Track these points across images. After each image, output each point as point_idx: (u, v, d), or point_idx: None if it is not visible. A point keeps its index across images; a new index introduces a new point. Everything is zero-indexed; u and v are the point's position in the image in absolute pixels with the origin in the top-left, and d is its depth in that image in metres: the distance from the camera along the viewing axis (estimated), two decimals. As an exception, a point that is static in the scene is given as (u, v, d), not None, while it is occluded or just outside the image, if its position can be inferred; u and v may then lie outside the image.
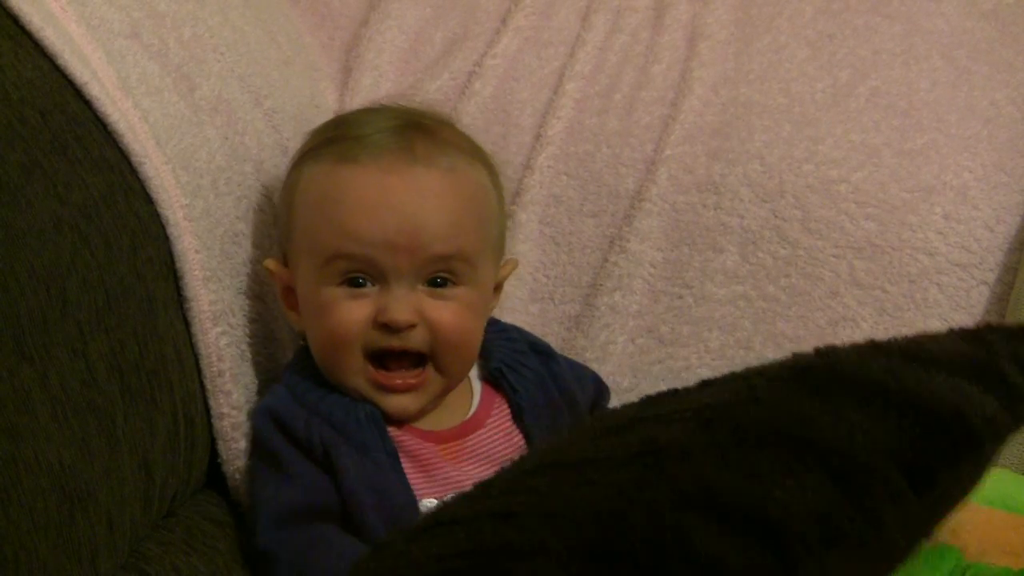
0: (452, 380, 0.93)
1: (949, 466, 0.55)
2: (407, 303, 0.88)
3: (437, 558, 0.58)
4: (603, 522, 0.54)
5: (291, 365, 0.96)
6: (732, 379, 0.64)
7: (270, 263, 0.93)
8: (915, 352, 0.60)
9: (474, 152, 0.97)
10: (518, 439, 0.95)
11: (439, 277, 0.90)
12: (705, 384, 0.66)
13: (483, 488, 0.66)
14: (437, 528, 0.61)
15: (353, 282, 0.89)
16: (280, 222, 0.96)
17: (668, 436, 0.59)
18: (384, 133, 0.91)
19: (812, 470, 0.54)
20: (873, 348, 0.62)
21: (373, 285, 0.89)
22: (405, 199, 0.89)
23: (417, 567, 0.58)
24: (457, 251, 0.90)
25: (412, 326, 0.88)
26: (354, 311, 0.88)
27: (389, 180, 0.89)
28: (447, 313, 0.90)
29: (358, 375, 0.90)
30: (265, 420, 0.90)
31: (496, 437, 0.95)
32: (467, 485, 0.87)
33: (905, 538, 0.56)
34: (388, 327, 0.88)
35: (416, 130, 0.93)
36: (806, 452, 0.55)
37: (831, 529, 0.52)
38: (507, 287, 1.10)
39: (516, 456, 0.90)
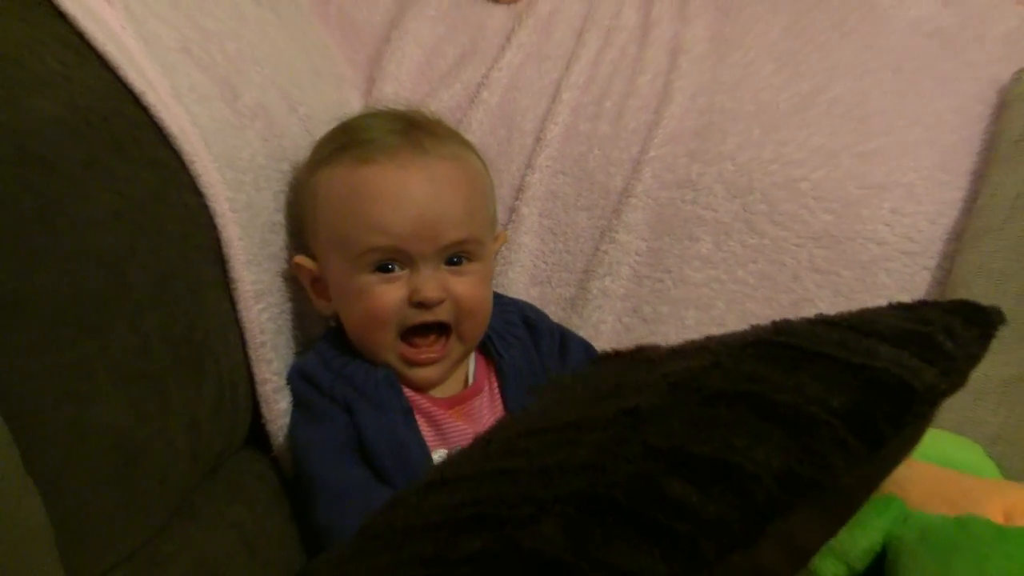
0: (469, 345, 0.95)
1: (896, 428, 0.54)
2: (435, 282, 0.89)
3: (444, 509, 0.58)
4: (586, 474, 0.54)
5: (323, 338, 0.96)
6: (698, 349, 0.64)
7: (301, 259, 0.93)
8: (861, 325, 0.60)
9: (465, 141, 0.97)
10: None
11: (456, 256, 0.90)
12: (675, 352, 0.66)
13: (482, 448, 0.65)
14: (444, 485, 0.61)
15: (384, 268, 0.89)
16: (305, 224, 0.94)
17: (641, 400, 0.58)
18: (392, 134, 0.91)
19: (775, 430, 0.53)
20: (824, 322, 0.62)
21: (402, 269, 0.89)
22: (423, 190, 0.89)
23: (425, 517, 0.58)
24: (470, 234, 0.90)
25: (441, 301, 0.89)
26: (389, 294, 0.89)
27: (407, 174, 0.89)
28: (466, 287, 0.90)
29: (391, 351, 0.90)
30: (297, 377, 0.91)
31: (495, 400, 0.96)
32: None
33: (859, 491, 0.57)
34: (422, 304, 0.88)
35: (417, 128, 0.92)
36: (768, 413, 0.54)
37: (795, 485, 0.52)
38: (510, 272, 1.10)
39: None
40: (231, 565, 0.79)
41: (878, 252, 1.06)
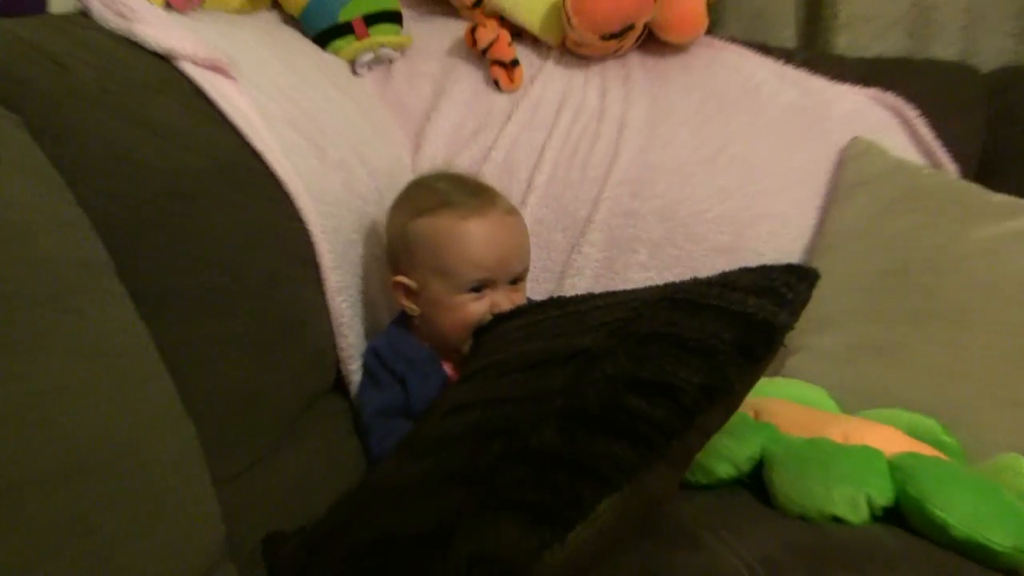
0: None
1: (766, 351, 0.55)
2: (507, 298, 0.87)
3: (465, 426, 0.58)
4: (565, 396, 0.54)
5: (391, 325, 0.94)
6: (618, 303, 0.64)
7: (401, 278, 0.90)
8: (729, 283, 0.60)
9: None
10: None
11: (516, 279, 0.89)
12: (596, 307, 0.66)
13: (478, 383, 0.65)
14: (459, 410, 0.61)
15: (476, 289, 0.87)
16: (399, 254, 0.91)
17: (589, 342, 0.59)
18: (471, 196, 0.89)
19: (692, 358, 0.54)
20: (702, 283, 0.62)
21: (485, 289, 0.87)
22: (504, 236, 0.88)
23: (453, 432, 0.59)
24: (526, 264, 0.91)
25: None
26: (479, 308, 0.87)
27: (494, 227, 0.87)
28: (519, 297, 0.89)
29: (466, 344, 0.87)
30: (371, 354, 0.90)
31: None
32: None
33: (744, 394, 0.57)
34: None
35: (483, 190, 0.91)
36: (685, 347, 0.55)
37: (710, 392, 0.53)
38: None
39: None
40: (319, 473, 0.78)
41: (759, 261, 1.03)
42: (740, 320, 0.55)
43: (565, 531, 0.48)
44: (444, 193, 0.90)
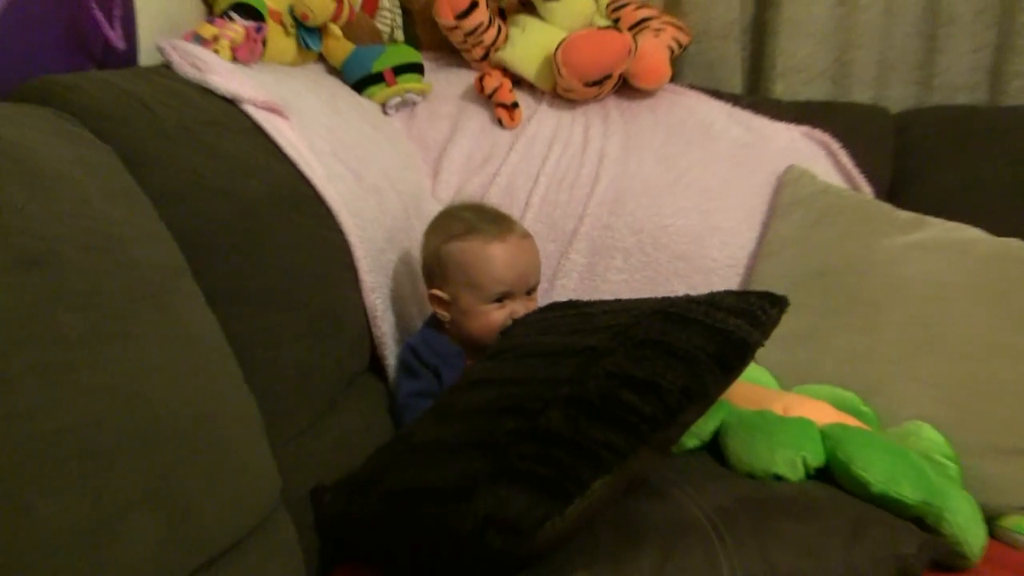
0: None
1: (740, 363, 0.54)
2: (524, 306, 0.86)
3: (485, 401, 0.58)
4: (570, 385, 0.53)
5: (425, 325, 0.92)
6: (621, 311, 0.63)
7: (436, 291, 0.88)
8: (714, 303, 0.59)
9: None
10: None
11: (530, 290, 0.88)
12: (605, 311, 0.65)
13: (499, 364, 0.64)
14: (481, 385, 0.60)
15: (498, 300, 0.86)
16: (433, 270, 0.89)
17: (595, 341, 0.58)
18: (492, 224, 0.87)
19: (678, 363, 0.53)
20: (692, 300, 0.61)
21: (505, 300, 0.86)
22: (523, 257, 0.87)
23: (474, 406, 0.58)
24: (539, 278, 0.90)
25: None
26: (502, 315, 0.85)
27: (514, 249, 0.86)
28: (533, 305, 0.88)
29: (492, 340, 0.85)
30: (407, 351, 0.88)
31: None
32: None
33: (717, 396, 0.56)
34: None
35: (501, 218, 0.90)
36: (673, 354, 0.54)
37: (690, 394, 0.52)
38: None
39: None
40: (357, 437, 0.77)
41: (713, 265, 1.04)
42: (720, 336, 0.54)
43: (565, 504, 0.48)
44: (470, 221, 0.88)
